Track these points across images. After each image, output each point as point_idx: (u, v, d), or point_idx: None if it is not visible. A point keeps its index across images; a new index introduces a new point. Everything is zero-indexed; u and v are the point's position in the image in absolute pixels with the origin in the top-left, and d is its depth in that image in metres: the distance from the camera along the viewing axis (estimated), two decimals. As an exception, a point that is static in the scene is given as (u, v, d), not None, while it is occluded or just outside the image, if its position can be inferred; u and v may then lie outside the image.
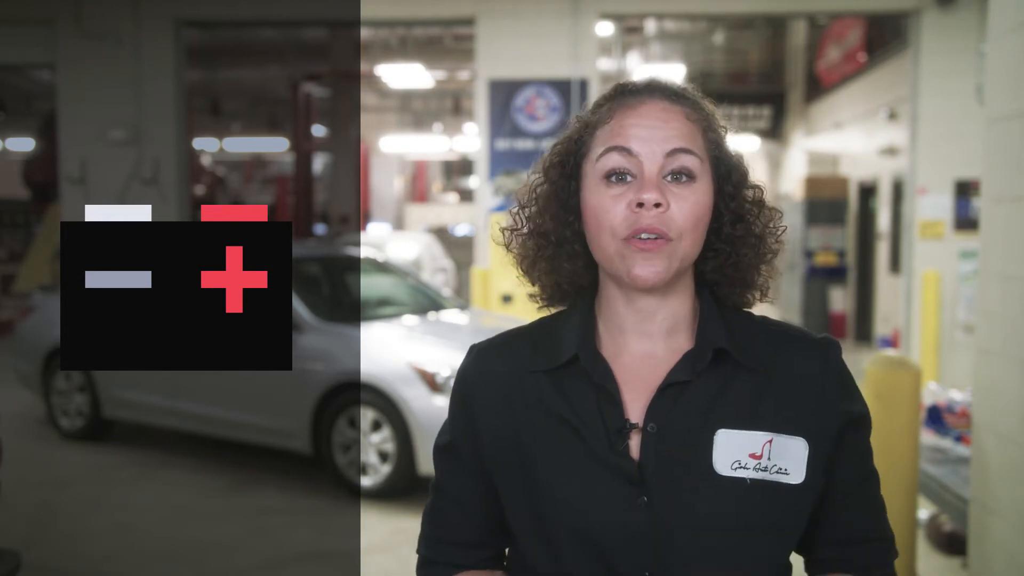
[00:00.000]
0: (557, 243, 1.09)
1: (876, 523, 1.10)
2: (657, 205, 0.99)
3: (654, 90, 1.06)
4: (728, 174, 1.07)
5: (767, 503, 1.00)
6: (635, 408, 1.03)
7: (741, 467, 1.00)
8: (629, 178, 1.02)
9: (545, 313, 1.17)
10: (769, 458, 1.01)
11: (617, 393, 1.03)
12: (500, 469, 1.08)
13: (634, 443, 1.02)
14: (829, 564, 1.09)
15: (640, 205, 0.99)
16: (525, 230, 1.12)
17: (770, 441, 1.01)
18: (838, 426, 1.05)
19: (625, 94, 1.07)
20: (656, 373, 1.04)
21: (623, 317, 1.07)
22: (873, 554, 1.10)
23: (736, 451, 1.00)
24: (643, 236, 0.99)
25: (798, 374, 1.05)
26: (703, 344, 1.05)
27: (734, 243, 1.07)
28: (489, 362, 1.11)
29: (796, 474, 1.01)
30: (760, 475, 1.00)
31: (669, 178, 1.01)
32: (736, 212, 1.07)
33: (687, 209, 1.00)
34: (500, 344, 1.13)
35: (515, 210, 1.14)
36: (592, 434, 1.02)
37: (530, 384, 1.07)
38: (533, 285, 1.15)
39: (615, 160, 1.02)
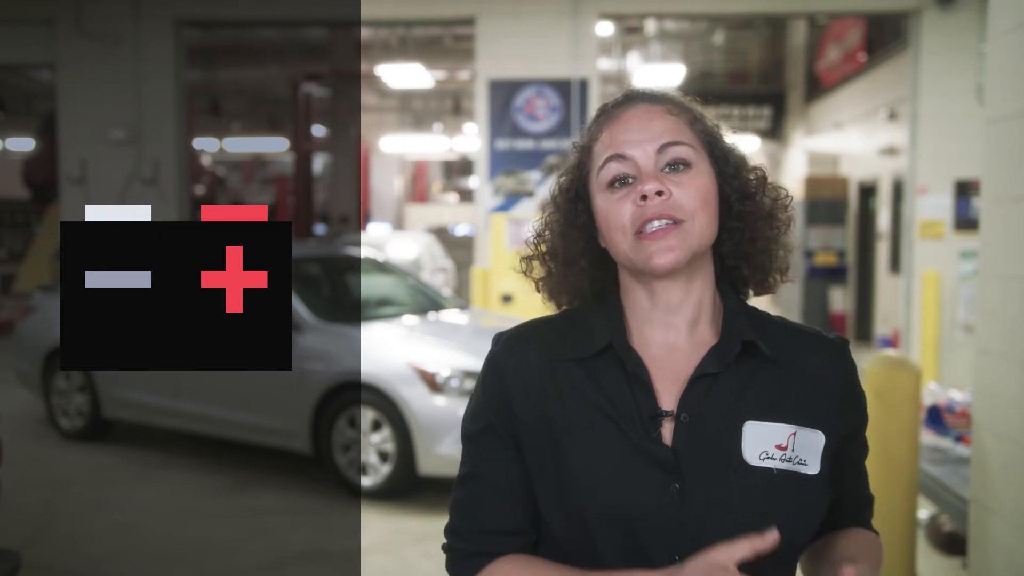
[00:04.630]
0: (565, 263, 1.15)
1: (863, 493, 1.20)
2: (659, 193, 1.04)
3: (633, 98, 1.13)
4: (725, 156, 1.12)
5: (791, 492, 1.05)
6: (665, 397, 1.07)
7: (768, 457, 1.05)
8: (631, 180, 1.07)
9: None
10: (793, 449, 1.06)
11: (650, 382, 1.07)
12: (533, 454, 1.09)
13: (666, 431, 1.06)
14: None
15: (644, 198, 1.04)
16: (540, 251, 1.19)
17: (794, 433, 1.06)
18: (850, 423, 1.13)
19: (609, 109, 1.14)
20: (682, 364, 1.09)
21: (648, 312, 1.11)
22: (857, 513, 1.20)
23: (763, 442, 1.05)
24: (653, 226, 1.04)
25: (816, 369, 1.11)
26: (730, 337, 1.09)
27: (745, 218, 1.12)
28: (520, 349, 1.13)
29: (813, 465, 1.07)
30: (785, 465, 1.05)
31: (668, 170, 1.07)
32: (741, 191, 1.12)
33: (691, 192, 1.06)
34: (528, 332, 1.16)
35: (531, 239, 1.20)
36: (627, 421, 1.06)
37: (562, 372, 1.10)
38: (555, 304, 1.20)
39: (614, 168, 1.08)
